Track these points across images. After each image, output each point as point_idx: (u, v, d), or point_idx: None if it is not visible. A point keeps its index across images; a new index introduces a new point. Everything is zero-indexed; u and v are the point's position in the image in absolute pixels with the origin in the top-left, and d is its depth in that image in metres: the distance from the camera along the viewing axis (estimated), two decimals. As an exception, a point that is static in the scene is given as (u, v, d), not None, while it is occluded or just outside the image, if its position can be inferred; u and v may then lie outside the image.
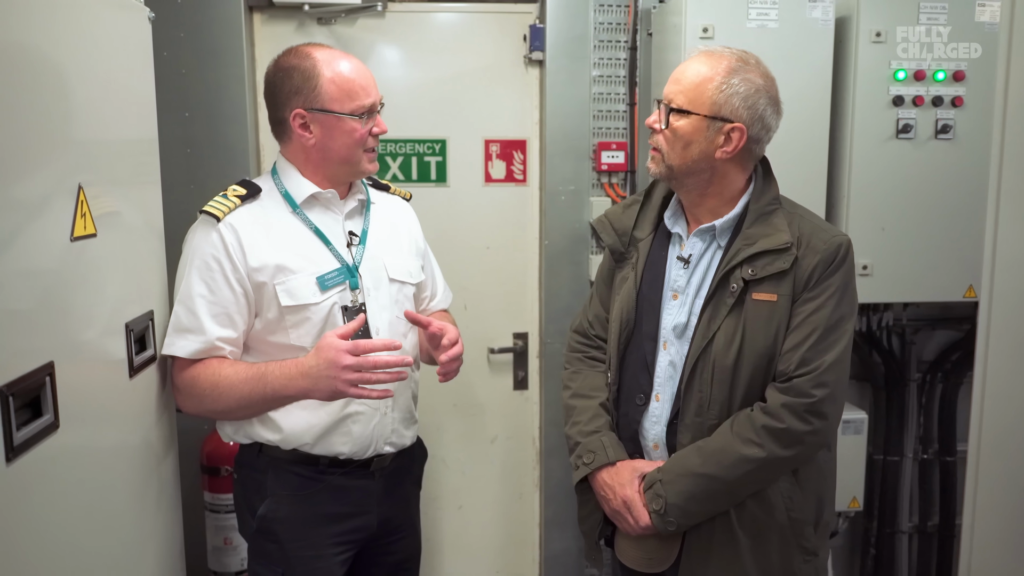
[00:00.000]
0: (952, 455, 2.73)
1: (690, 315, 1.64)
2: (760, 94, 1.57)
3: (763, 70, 1.60)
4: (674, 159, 1.61)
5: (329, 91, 1.66)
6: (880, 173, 2.34)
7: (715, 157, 1.58)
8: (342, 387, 1.56)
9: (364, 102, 1.68)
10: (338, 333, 1.58)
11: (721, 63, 1.57)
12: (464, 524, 2.85)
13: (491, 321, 2.76)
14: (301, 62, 1.68)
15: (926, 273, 2.40)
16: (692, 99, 1.57)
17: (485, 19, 2.63)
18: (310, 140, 1.69)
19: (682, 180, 1.63)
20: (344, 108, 1.67)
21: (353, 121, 1.68)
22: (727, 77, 1.56)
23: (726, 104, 1.55)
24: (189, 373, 1.64)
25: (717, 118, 1.56)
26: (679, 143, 1.59)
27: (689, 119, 1.58)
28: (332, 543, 1.74)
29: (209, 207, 1.66)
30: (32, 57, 1.20)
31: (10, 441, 1.09)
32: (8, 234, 1.13)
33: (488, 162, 2.70)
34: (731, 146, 1.57)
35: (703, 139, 1.57)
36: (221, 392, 1.63)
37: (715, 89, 1.55)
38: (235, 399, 1.63)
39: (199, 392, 1.64)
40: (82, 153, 1.36)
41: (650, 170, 1.67)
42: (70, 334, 1.30)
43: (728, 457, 1.55)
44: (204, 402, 1.65)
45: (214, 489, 2.43)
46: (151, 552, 1.63)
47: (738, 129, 1.56)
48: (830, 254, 1.57)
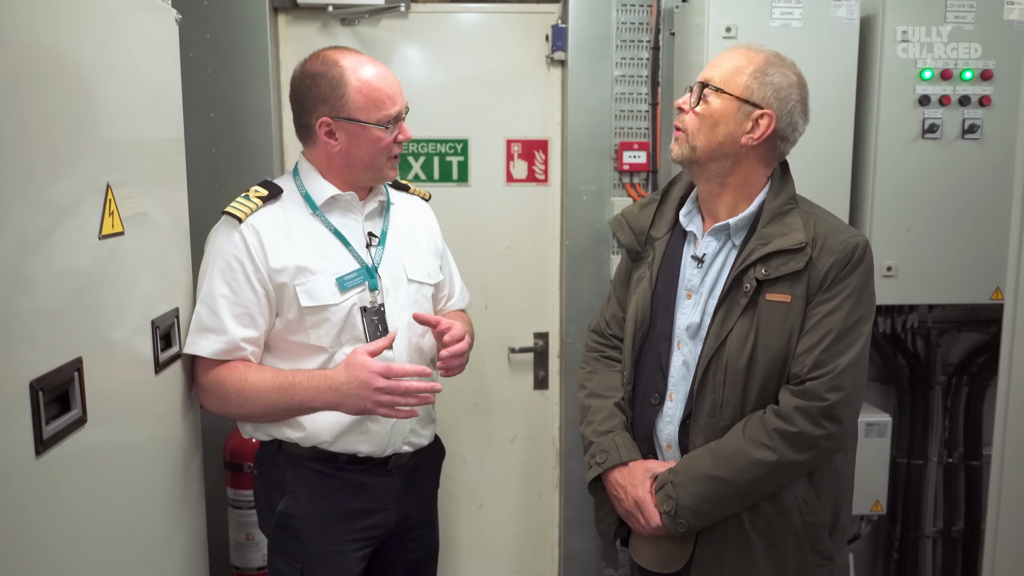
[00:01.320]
0: (978, 459, 2.69)
1: (703, 315, 1.64)
2: (792, 89, 1.59)
3: (797, 71, 1.63)
4: (700, 139, 1.61)
5: (356, 100, 1.67)
6: (906, 173, 2.32)
7: (740, 143, 1.59)
8: (371, 407, 1.59)
9: (390, 111, 1.69)
10: (368, 350, 1.60)
11: (759, 56, 1.61)
12: (484, 523, 2.86)
13: (512, 321, 2.77)
14: (329, 69, 1.68)
15: (952, 275, 2.37)
16: (727, 80, 1.60)
17: (507, 19, 2.64)
18: (335, 147, 1.71)
19: (704, 165, 1.63)
20: (371, 118, 1.68)
21: (379, 130, 1.69)
22: (764, 67, 1.59)
23: (759, 90, 1.58)
24: (214, 375, 1.67)
25: (748, 102, 1.58)
26: (707, 122, 1.61)
27: (721, 98, 1.60)
28: (351, 539, 1.75)
29: (231, 208, 1.68)
30: (62, 59, 1.23)
31: (40, 434, 1.12)
32: (40, 233, 1.15)
33: (510, 162, 2.70)
34: (758, 132, 1.58)
35: (732, 121, 1.59)
36: (247, 398, 1.65)
37: (751, 75, 1.59)
38: (260, 406, 1.66)
39: (224, 395, 1.66)
40: (110, 152, 1.38)
41: (672, 152, 1.67)
42: (98, 330, 1.32)
43: (740, 460, 1.54)
44: (229, 405, 1.68)
45: (236, 485, 2.46)
46: (176, 547, 1.66)
47: (767, 115, 1.57)
48: (846, 255, 1.55)
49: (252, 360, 1.69)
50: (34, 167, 1.13)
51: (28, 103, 1.12)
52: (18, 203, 1.10)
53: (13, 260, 1.08)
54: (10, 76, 1.08)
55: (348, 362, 1.61)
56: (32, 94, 1.13)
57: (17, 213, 1.09)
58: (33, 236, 1.13)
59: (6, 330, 1.06)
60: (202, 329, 1.66)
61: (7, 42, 1.07)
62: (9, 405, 1.06)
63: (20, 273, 1.10)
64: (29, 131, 1.12)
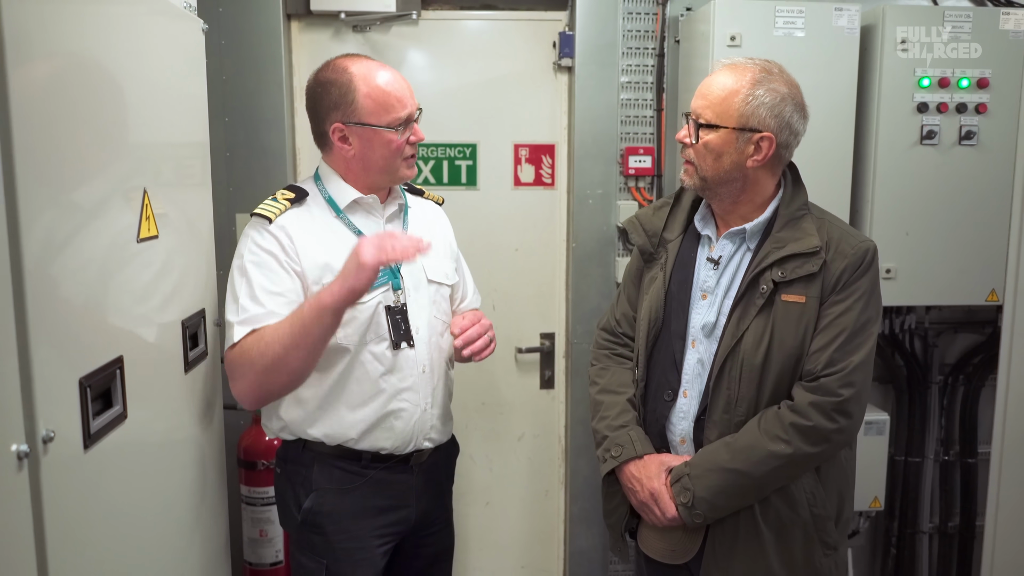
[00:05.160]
0: (973, 457, 2.77)
1: (719, 315, 1.69)
2: (786, 102, 1.61)
3: (787, 78, 1.65)
4: (707, 171, 1.66)
5: (366, 105, 1.71)
6: (904, 179, 2.38)
7: (747, 166, 1.64)
8: (364, 257, 1.52)
9: (400, 114, 1.73)
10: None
11: (746, 75, 1.62)
12: (491, 520, 2.92)
13: (519, 321, 2.82)
14: (339, 77, 1.72)
15: (949, 277, 2.44)
16: (720, 113, 1.62)
17: (516, 27, 2.69)
18: (350, 152, 1.75)
19: (716, 190, 1.69)
20: (381, 121, 1.72)
21: (390, 133, 1.73)
22: (752, 89, 1.61)
23: (753, 115, 1.60)
24: (238, 349, 1.63)
25: (746, 129, 1.61)
26: (710, 155, 1.64)
27: (718, 132, 1.63)
28: (375, 535, 1.80)
29: (260, 210, 1.72)
30: (103, 68, 1.28)
31: (87, 429, 1.17)
32: (90, 237, 1.21)
33: (517, 166, 2.76)
34: (761, 155, 1.62)
35: (733, 150, 1.63)
36: (267, 343, 1.60)
37: (742, 102, 1.60)
38: (280, 342, 1.59)
39: (247, 358, 1.61)
40: (146, 157, 1.43)
41: (684, 183, 1.72)
42: (136, 330, 1.38)
43: (756, 453, 1.60)
44: (255, 365, 1.61)
45: (250, 483, 2.50)
46: (200, 541, 1.71)
47: (767, 138, 1.61)
48: (857, 258, 1.62)
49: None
50: (79, 173, 1.19)
51: (72, 111, 1.17)
52: (72, 211, 1.16)
53: (66, 263, 1.13)
54: (59, 86, 1.13)
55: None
56: (75, 103, 1.18)
57: (68, 220, 1.15)
58: (83, 241, 1.19)
59: (59, 329, 1.11)
60: (249, 319, 1.63)
61: (54, 53, 1.12)
62: (63, 401, 1.11)
63: (71, 275, 1.15)
64: (72, 139, 1.17)
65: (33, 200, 1.04)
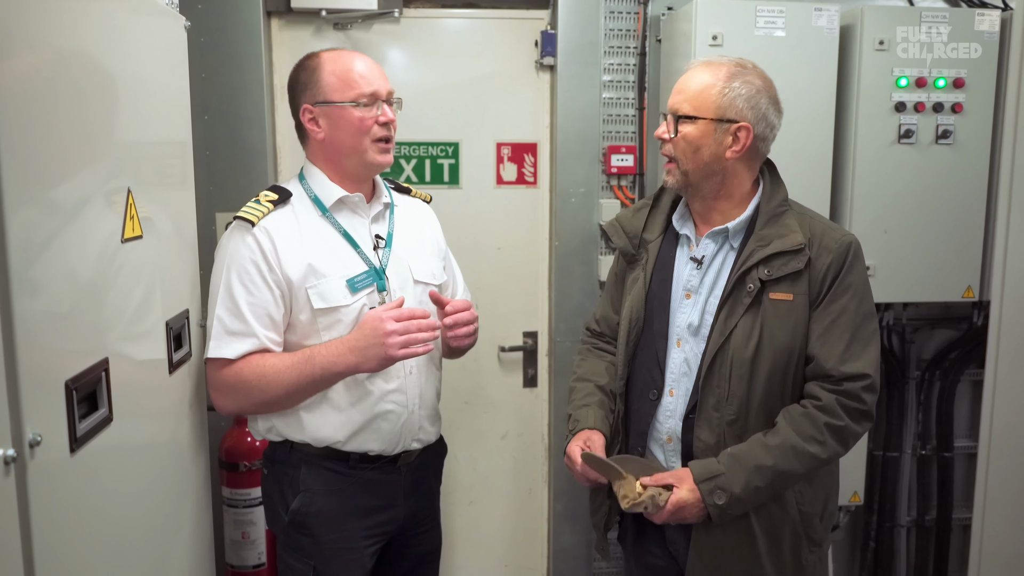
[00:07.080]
0: (950, 451, 2.81)
1: (703, 314, 1.70)
2: (761, 94, 1.65)
3: (760, 73, 1.69)
4: (688, 164, 1.68)
5: (329, 82, 1.73)
6: (883, 177, 2.42)
7: (725, 157, 1.66)
8: (392, 351, 1.64)
9: (364, 90, 1.73)
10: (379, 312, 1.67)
11: (721, 70, 1.66)
12: (475, 518, 2.91)
13: (502, 320, 2.82)
14: (308, 62, 1.77)
15: (926, 274, 2.48)
16: (697, 105, 1.65)
17: (498, 25, 2.69)
18: (319, 134, 1.76)
19: (698, 185, 1.70)
20: (344, 97, 1.73)
21: (354, 109, 1.73)
22: (728, 81, 1.64)
23: (730, 106, 1.63)
24: (232, 370, 1.68)
25: (723, 120, 1.64)
26: (690, 148, 1.67)
27: (696, 124, 1.65)
28: (363, 536, 1.79)
29: (243, 213, 1.70)
30: (89, 65, 1.26)
31: (74, 432, 1.15)
32: (74, 238, 1.19)
33: (500, 164, 2.76)
34: (739, 145, 1.65)
35: (712, 141, 1.65)
36: (268, 381, 1.67)
37: (718, 94, 1.64)
38: (283, 386, 1.67)
39: (245, 386, 1.68)
40: (129, 157, 1.41)
41: (667, 182, 1.74)
42: (121, 332, 1.36)
43: (795, 452, 1.60)
44: (251, 395, 1.69)
45: (232, 484, 2.48)
46: (184, 543, 1.69)
47: (744, 128, 1.64)
48: (842, 253, 1.64)
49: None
50: (64, 174, 1.17)
51: (56, 109, 1.15)
52: (57, 211, 1.14)
53: (51, 264, 1.11)
54: (42, 82, 1.11)
55: (360, 323, 1.68)
56: (59, 100, 1.16)
57: (53, 220, 1.13)
58: (68, 241, 1.17)
59: (45, 331, 1.09)
60: (229, 333, 1.67)
61: (35, 48, 1.10)
62: (49, 404, 1.09)
63: (56, 276, 1.13)
64: (56, 137, 1.15)
65: (17, 200, 1.02)
